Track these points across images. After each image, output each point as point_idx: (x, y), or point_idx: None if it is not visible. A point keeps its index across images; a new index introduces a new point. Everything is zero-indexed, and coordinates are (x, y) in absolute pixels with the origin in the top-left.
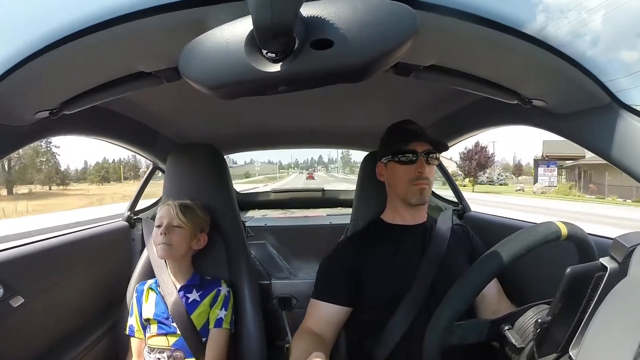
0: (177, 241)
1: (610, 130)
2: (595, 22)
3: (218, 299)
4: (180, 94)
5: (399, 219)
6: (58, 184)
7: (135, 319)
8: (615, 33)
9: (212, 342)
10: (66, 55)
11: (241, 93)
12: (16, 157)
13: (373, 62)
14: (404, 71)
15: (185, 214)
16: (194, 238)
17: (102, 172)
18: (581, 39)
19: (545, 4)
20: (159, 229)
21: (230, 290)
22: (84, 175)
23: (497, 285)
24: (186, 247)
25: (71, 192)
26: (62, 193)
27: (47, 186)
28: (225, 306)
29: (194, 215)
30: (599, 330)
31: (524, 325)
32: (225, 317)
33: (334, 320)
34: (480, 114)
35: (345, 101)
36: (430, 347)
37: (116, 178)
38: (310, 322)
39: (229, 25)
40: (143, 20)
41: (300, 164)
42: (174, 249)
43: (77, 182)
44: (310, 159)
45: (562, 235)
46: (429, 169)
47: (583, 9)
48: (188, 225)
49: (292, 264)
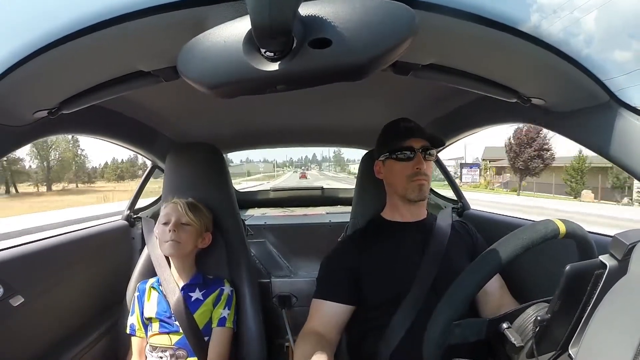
0: (185, 239)
1: (609, 128)
2: (588, 24)
3: (221, 298)
4: (179, 93)
5: (398, 217)
6: (84, 182)
7: (136, 318)
8: (608, 33)
9: (214, 341)
10: (65, 55)
11: (240, 92)
12: (54, 158)
13: (371, 60)
14: (403, 70)
15: (194, 212)
16: (200, 236)
17: (117, 171)
18: (575, 39)
19: (543, 4)
20: (167, 226)
21: (233, 289)
22: (103, 174)
23: (499, 280)
24: (193, 245)
25: (96, 189)
26: (90, 189)
27: (74, 184)
28: (229, 305)
29: (200, 213)
30: (598, 328)
31: (524, 323)
32: (229, 316)
33: (338, 319)
34: (479, 112)
35: (344, 99)
36: (429, 346)
37: (129, 176)
38: (314, 322)
39: (227, 25)
40: (142, 19)
41: (294, 162)
42: (182, 246)
43: (98, 179)
44: (305, 157)
45: (561, 233)
46: (426, 165)
47: (576, 9)
48: (196, 224)
49: (292, 262)
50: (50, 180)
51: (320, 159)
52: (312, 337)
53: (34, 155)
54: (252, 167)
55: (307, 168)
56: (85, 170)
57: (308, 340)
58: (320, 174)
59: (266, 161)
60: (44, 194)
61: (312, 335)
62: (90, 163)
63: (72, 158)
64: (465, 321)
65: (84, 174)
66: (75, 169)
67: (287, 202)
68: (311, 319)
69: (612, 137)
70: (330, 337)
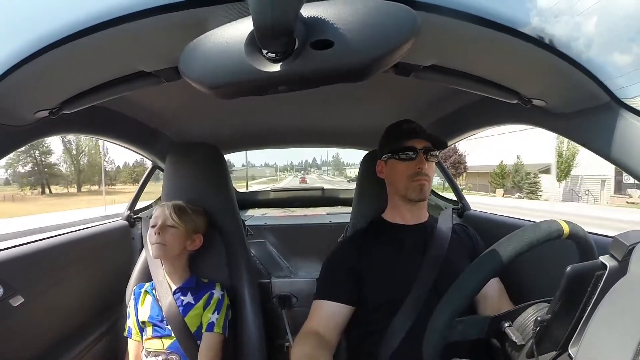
0: (170, 241)
1: (609, 129)
2: (589, 27)
3: (211, 302)
4: (180, 93)
5: (399, 218)
6: (107, 184)
7: (132, 322)
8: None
9: (204, 346)
10: (66, 55)
11: (241, 93)
12: (85, 162)
13: (373, 62)
14: (405, 71)
15: (179, 215)
16: (188, 239)
17: (133, 174)
18: (576, 41)
19: (544, 5)
20: (154, 229)
21: (224, 294)
22: (117, 177)
23: (499, 285)
24: (180, 247)
25: (118, 190)
26: (113, 191)
27: (97, 185)
28: (218, 310)
29: (187, 216)
30: (598, 329)
31: (524, 322)
32: (217, 321)
33: (338, 320)
34: (480, 113)
35: (345, 101)
36: (430, 343)
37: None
38: (313, 322)
39: (229, 26)
40: (144, 20)
41: (295, 165)
42: (167, 249)
43: (118, 182)
44: (305, 161)
45: (564, 234)
46: (428, 166)
47: (576, 13)
48: (181, 226)
49: (292, 263)
50: (81, 182)
51: (320, 162)
52: (311, 338)
53: (63, 160)
54: (257, 172)
55: (306, 172)
56: (107, 174)
57: (307, 341)
58: (318, 178)
59: (267, 165)
60: (74, 194)
61: (311, 335)
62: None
63: (100, 163)
64: (468, 318)
65: (107, 177)
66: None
67: (287, 202)
68: (311, 319)
69: (612, 138)
70: (330, 338)
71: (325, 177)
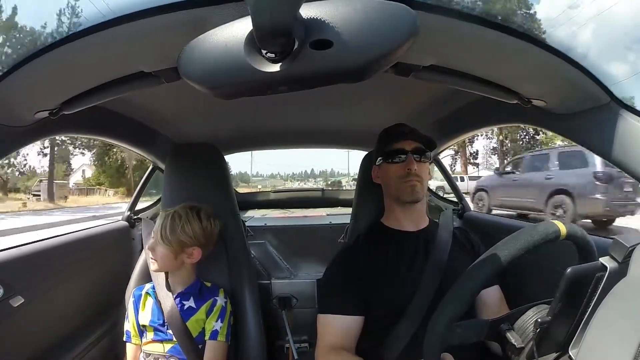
0: (160, 258)
1: (609, 129)
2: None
3: (214, 309)
4: (179, 94)
5: (397, 223)
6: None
7: (132, 325)
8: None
9: (208, 355)
10: (66, 56)
11: (241, 93)
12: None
13: (372, 62)
14: (404, 71)
15: (172, 233)
16: (184, 253)
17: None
18: (576, 41)
19: (544, 6)
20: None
21: (227, 301)
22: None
23: (499, 292)
24: (173, 264)
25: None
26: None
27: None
28: (222, 318)
29: (174, 235)
30: (598, 330)
31: (524, 325)
32: (221, 329)
33: (355, 332)
34: (480, 113)
35: (345, 101)
36: (430, 346)
37: None
38: (332, 339)
39: (228, 26)
40: (143, 20)
41: (295, 175)
42: (160, 264)
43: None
44: (304, 172)
45: (562, 235)
46: (419, 167)
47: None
48: (171, 245)
49: (292, 264)
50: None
51: (317, 173)
52: (344, 355)
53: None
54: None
55: (304, 183)
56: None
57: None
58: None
59: (272, 176)
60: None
61: (339, 352)
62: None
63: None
64: (467, 321)
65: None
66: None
67: (287, 203)
68: (327, 336)
69: (612, 138)
70: (354, 351)
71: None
